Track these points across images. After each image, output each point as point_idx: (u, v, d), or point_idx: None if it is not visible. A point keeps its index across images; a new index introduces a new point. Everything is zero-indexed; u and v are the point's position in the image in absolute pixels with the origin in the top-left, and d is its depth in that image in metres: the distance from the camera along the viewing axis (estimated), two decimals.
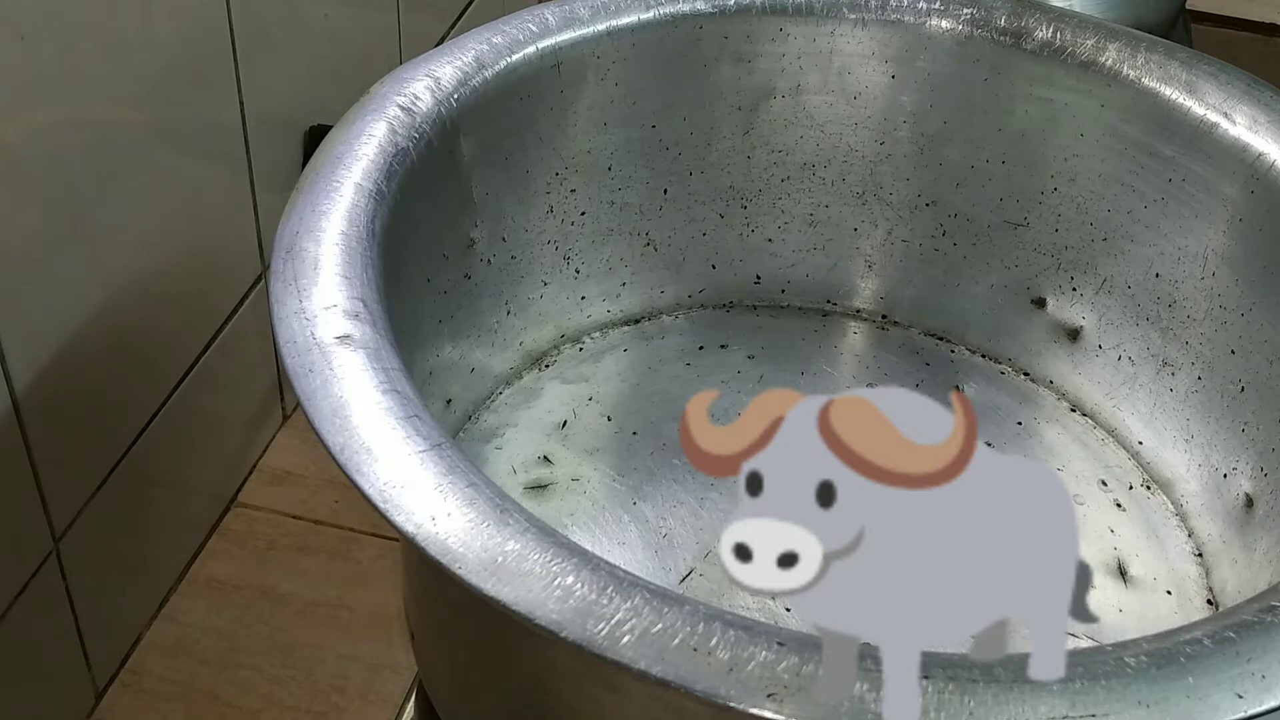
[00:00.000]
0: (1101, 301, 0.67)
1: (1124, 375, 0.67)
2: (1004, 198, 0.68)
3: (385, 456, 0.42)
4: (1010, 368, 0.70)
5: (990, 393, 0.69)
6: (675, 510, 0.61)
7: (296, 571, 0.74)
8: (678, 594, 0.40)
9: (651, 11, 0.64)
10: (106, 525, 0.65)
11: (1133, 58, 0.64)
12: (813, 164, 0.70)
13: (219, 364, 0.73)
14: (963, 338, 0.71)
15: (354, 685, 0.69)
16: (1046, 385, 0.69)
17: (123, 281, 0.63)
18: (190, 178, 0.67)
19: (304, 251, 0.49)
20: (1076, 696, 0.38)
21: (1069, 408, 0.68)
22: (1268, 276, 0.60)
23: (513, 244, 0.64)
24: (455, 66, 0.58)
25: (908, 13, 0.66)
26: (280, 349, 0.45)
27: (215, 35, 0.66)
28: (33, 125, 0.55)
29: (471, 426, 0.64)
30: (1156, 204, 0.64)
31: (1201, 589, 0.61)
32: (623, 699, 0.44)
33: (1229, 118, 0.61)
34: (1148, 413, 0.66)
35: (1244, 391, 0.61)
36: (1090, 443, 0.67)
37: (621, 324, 0.70)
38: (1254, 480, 0.60)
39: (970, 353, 0.71)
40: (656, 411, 0.66)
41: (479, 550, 0.40)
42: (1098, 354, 0.68)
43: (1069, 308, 0.68)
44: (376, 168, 0.53)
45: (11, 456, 0.58)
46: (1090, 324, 0.68)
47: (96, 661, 0.67)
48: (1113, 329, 0.67)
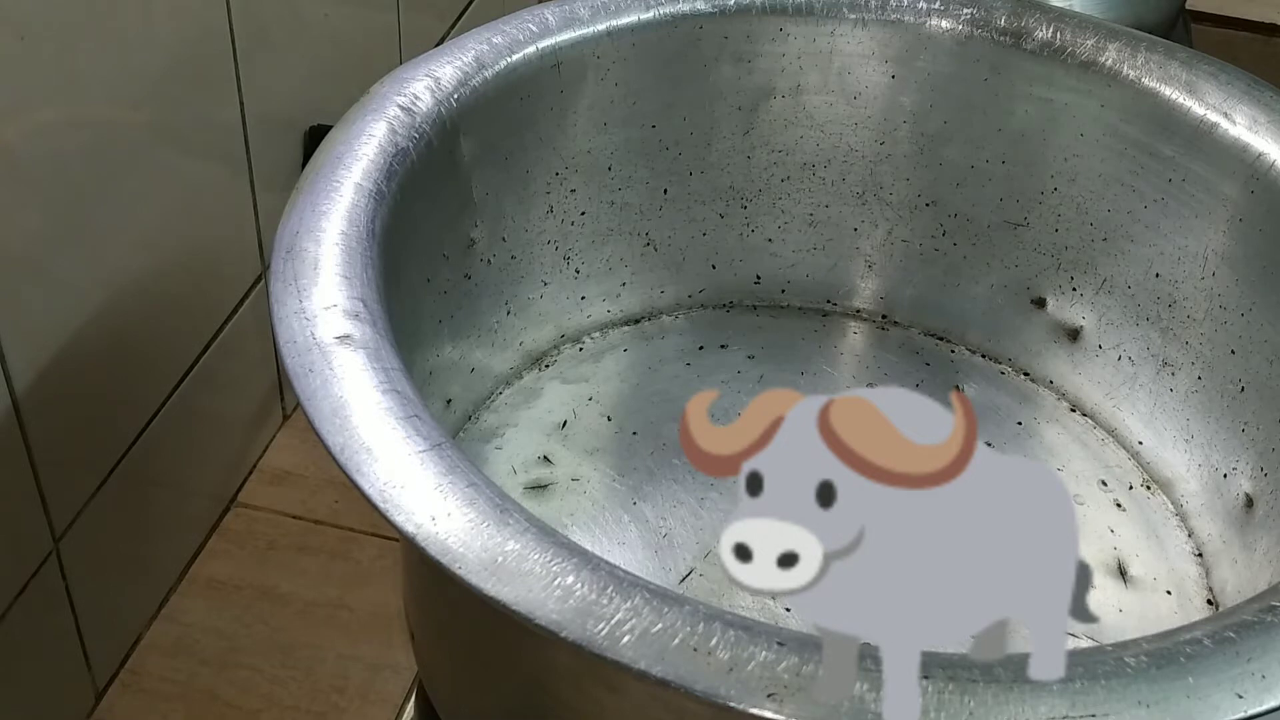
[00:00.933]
0: (1101, 301, 0.67)
1: (1124, 375, 0.67)
2: (1004, 198, 0.68)
3: (385, 456, 0.42)
4: (1010, 368, 0.70)
5: (990, 393, 0.69)
6: (675, 510, 0.61)
7: (296, 571, 0.74)
8: (678, 594, 0.40)
9: (651, 11, 0.64)
10: (106, 525, 0.65)
11: (1133, 58, 0.64)
12: (813, 164, 0.70)
13: (219, 364, 0.73)
14: (963, 338, 0.71)
15: (354, 685, 0.69)
16: (1046, 385, 0.69)
17: (123, 281, 0.63)
18: (190, 178, 0.67)
19: (304, 251, 0.49)
20: (1076, 696, 0.38)
21: (1069, 408, 0.68)
22: (1268, 276, 0.60)
23: (513, 244, 0.64)
24: (455, 66, 0.58)
25: (908, 13, 0.66)
26: (280, 349, 0.45)
27: (215, 35, 0.66)
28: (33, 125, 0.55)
29: (471, 426, 0.64)
30: (1156, 204, 0.64)
31: (1201, 589, 0.61)
32: (623, 699, 0.44)
33: (1229, 118, 0.61)
34: (1148, 413, 0.66)
35: (1244, 391, 0.61)
36: (1090, 443, 0.67)
37: (621, 324, 0.70)
38: (1254, 480, 0.60)
39: (970, 353, 0.71)
40: (656, 411, 0.66)
41: (479, 550, 0.40)
42: (1098, 354, 0.68)
43: (1069, 308, 0.68)
44: (376, 168, 0.53)
45: (11, 456, 0.58)
46: (1090, 324, 0.68)
47: (96, 661, 0.67)
48: (1113, 329, 0.67)
